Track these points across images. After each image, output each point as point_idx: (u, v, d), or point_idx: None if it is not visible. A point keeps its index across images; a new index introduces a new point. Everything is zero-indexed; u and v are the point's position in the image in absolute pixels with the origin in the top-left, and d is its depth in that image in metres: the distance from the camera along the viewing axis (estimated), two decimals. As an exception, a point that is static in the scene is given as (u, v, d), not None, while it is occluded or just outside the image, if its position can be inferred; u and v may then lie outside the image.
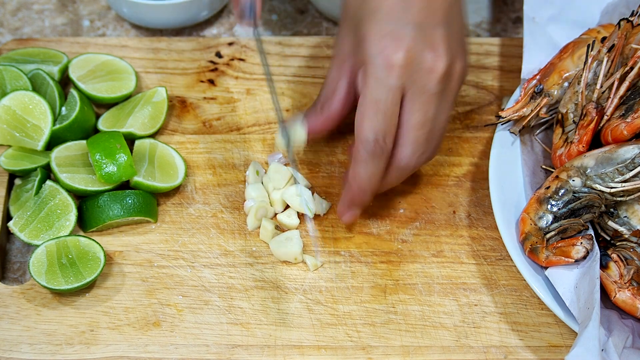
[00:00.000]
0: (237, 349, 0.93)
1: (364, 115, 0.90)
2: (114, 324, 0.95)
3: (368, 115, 0.90)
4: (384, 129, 0.90)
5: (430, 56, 0.89)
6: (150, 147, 1.04)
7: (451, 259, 0.99)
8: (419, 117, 0.91)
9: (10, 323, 0.95)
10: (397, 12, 0.89)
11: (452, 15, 0.92)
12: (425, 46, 0.89)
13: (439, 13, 0.91)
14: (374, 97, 0.90)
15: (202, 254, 0.99)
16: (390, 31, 0.89)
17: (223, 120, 1.09)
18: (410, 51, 0.88)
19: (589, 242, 0.91)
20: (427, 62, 0.89)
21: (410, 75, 0.89)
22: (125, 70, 1.10)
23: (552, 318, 0.95)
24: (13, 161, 1.02)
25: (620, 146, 0.93)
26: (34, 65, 1.09)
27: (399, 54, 0.88)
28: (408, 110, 0.91)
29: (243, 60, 1.14)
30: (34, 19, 1.21)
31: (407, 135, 0.91)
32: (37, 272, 0.95)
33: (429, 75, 0.90)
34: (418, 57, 0.89)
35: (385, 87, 0.89)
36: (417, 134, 0.91)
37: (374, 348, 0.93)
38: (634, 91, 0.95)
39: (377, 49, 0.89)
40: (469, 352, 0.93)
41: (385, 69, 0.89)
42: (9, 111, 1.02)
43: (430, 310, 0.96)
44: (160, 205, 1.03)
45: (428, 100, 0.90)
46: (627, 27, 0.96)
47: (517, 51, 1.10)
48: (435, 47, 0.90)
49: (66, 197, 0.99)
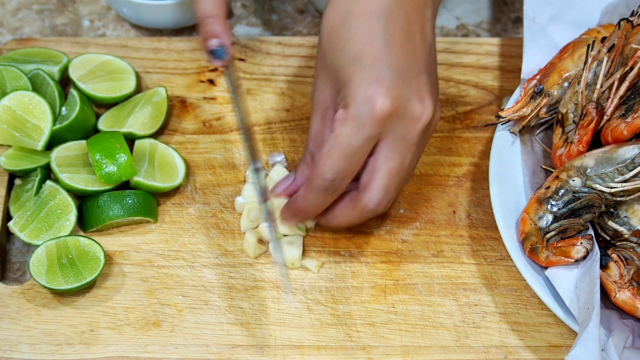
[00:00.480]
0: (237, 349, 0.93)
1: (329, 154, 0.88)
2: (114, 324, 0.95)
3: (334, 156, 0.88)
4: (346, 171, 0.89)
5: (418, 106, 0.88)
6: (150, 147, 1.04)
7: (451, 259, 0.99)
8: (395, 165, 0.89)
9: (10, 323, 0.95)
10: (382, 58, 0.87)
11: (430, 62, 0.91)
12: (412, 95, 0.88)
13: (421, 60, 0.90)
14: (347, 142, 0.87)
15: (202, 254, 0.99)
16: (377, 77, 0.86)
17: (223, 120, 1.09)
18: (397, 100, 0.86)
19: (589, 242, 0.91)
20: (414, 111, 0.88)
21: (392, 123, 0.87)
22: (125, 70, 1.10)
23: (552, 318, 0.95)
24: (13, 161, 1.02)
25: (620, 146, 0.93)
26: (34, 65, 1.09)
27: (386, 101, 0.86)
28: (384, 156, 0.89)
29: (243, 60, 1.14)
30: (34, 19, 1.21)
31: (379, 181, 0.90)
32: (37, 272, 0.95)
33: (413, 125, 0.88)
34: (405, 105, 0.87)
35: (362, 135, 0.87)
36: (390, 181, 0.90)
37: (374, 348, 0.93)
38: (634, 91, 0.95)
39: (364, 96, 0.86)
40: (469, 352, 0.93)
41: (368, 117, 0.86)
42: (9, 111, 1.02)
43: (430, 310, 0.96)
44: (160, 205, 1.03)
45: (407, 149, 0.89)
46: (627, 27, 0.96)
47: (517, 51, 1.10)
48: (422, 97, 0.88)
49: (66, 197, 0.99)
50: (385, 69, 0.87)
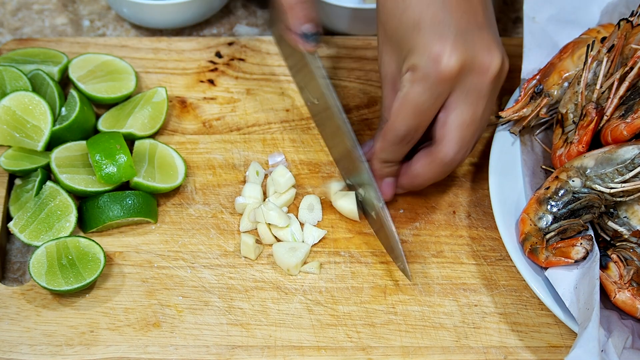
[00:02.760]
0: (237, 350, 0.93)
1: (400, 112, 0.91)
2: (114, 324, 0.95)
3: (405, 113, 0.91)
4: (417, 125, 0.91)
5: (486, 57, 0.89)
6: (150, 147, 1.04)
7: (451, 259, 0.99)
8: (467, 117, 0.91)
9: (10, 324, 0.95)
10: (441, 20, 0.89)
11: (489, 17, 0.92)
12: (478, 48, 0.89)
13: (480, 15, 0.91)
14: (417, 100, 0.90)
15: (202, 254, 0.99)
16: (440, 37, 0.88)
17: (223, 120, 1.09)
18: (463, 54, 0.88)
19: (588, 243, 0.91)
20: (482, 63, 0.89)
21: (461, 78, 0.89)
22: (125, 70, 1.10)
23: (552, 318, 0.95)
24: (13, 162, 1.02)
25: (620, 146, 0.93)
26: (34, 65, 1.09)
27: (453, 58, 0.88)
28: (455, 108, 0.91)
29: (243, 60, 1.14)
30: (34, 19, 1.21)
31: (453, 133, 0.91)
32: (37, 273, 0.95)
33: (482, 76, 0.90)
34: (472, 59, 0.89)
35: (431, 94, 0.89)
36: (464, 133, 0.92)
37: (374, 349, 0.93)
38: (634, 91, 0.95)
39: (430, 57, 0.88)
40: (469, 353, 0.93)
41: (437, 76, 0.88)
42: (9, 111, 1.02)
43: (430, 310, 0.96)
44: (160, 205, 1.03)
45: (478, 101, 0.91)
46: (626, 27, 0.96)
47: (517, 51, 1.10)
48: (489, 47, 0.90)
49: (66, 198, 0.99)
50: (446, 27, 0.89)
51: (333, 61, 1.14)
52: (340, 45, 1.15)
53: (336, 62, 1.14)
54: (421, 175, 0.95)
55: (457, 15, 0.89)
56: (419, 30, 0.89)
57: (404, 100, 0.90)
